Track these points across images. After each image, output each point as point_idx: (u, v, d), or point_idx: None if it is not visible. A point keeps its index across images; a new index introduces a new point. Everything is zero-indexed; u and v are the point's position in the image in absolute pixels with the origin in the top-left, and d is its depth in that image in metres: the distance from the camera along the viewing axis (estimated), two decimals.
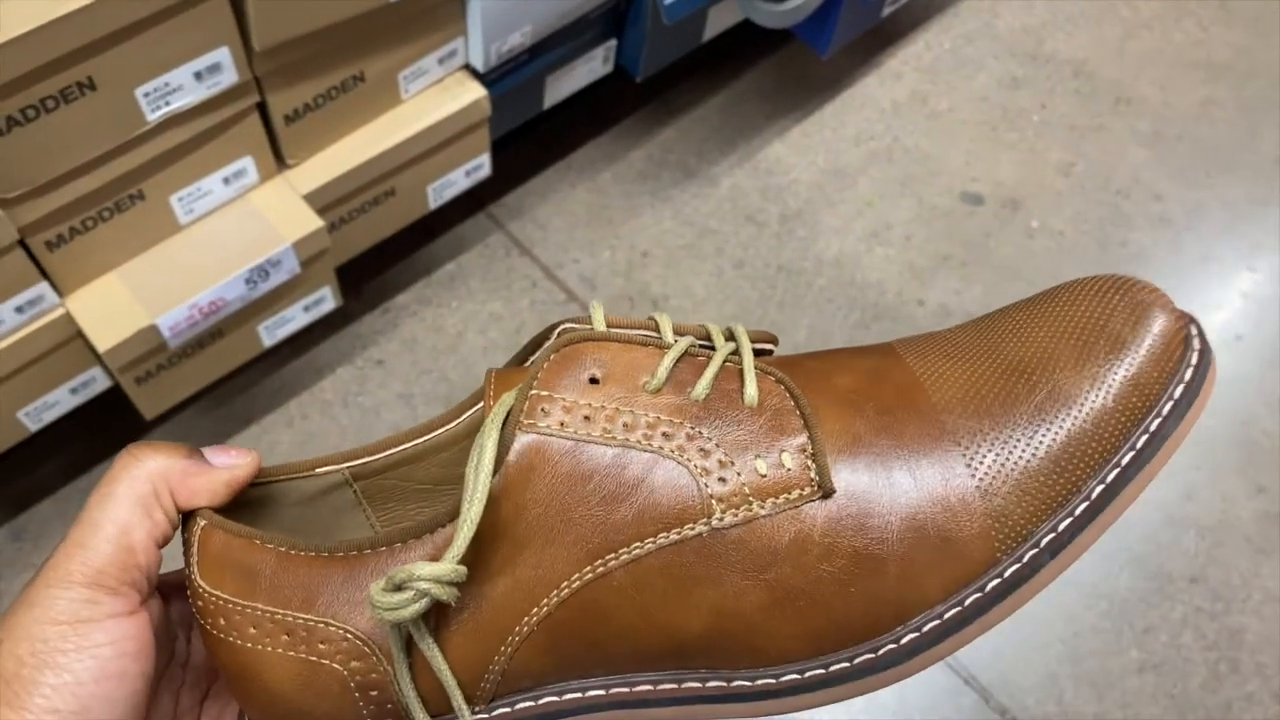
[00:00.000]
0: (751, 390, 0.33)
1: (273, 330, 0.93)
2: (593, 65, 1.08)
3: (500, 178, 1.10)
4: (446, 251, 1.17)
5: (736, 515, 0.32)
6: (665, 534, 0.32)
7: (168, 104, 0.74)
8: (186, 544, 0.32)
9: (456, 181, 1.01)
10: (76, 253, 0.79)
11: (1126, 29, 1.45)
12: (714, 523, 0.32)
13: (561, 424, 0.32)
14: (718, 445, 0.32)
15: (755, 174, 1.26)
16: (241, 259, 0.84)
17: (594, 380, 0.32)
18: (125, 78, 0.71)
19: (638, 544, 0.31)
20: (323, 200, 0.89)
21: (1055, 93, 1.37)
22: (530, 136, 1.23)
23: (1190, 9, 1.47)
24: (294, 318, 0.94)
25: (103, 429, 1.02)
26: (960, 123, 1.33)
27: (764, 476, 0.32)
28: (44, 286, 0.79)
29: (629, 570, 0.31)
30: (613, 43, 1.07)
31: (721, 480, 0.32)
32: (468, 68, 0.95)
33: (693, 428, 0.32)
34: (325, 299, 0.95)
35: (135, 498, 0.30)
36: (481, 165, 1.02)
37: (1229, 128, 1.35)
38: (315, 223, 0.86)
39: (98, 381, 0.88)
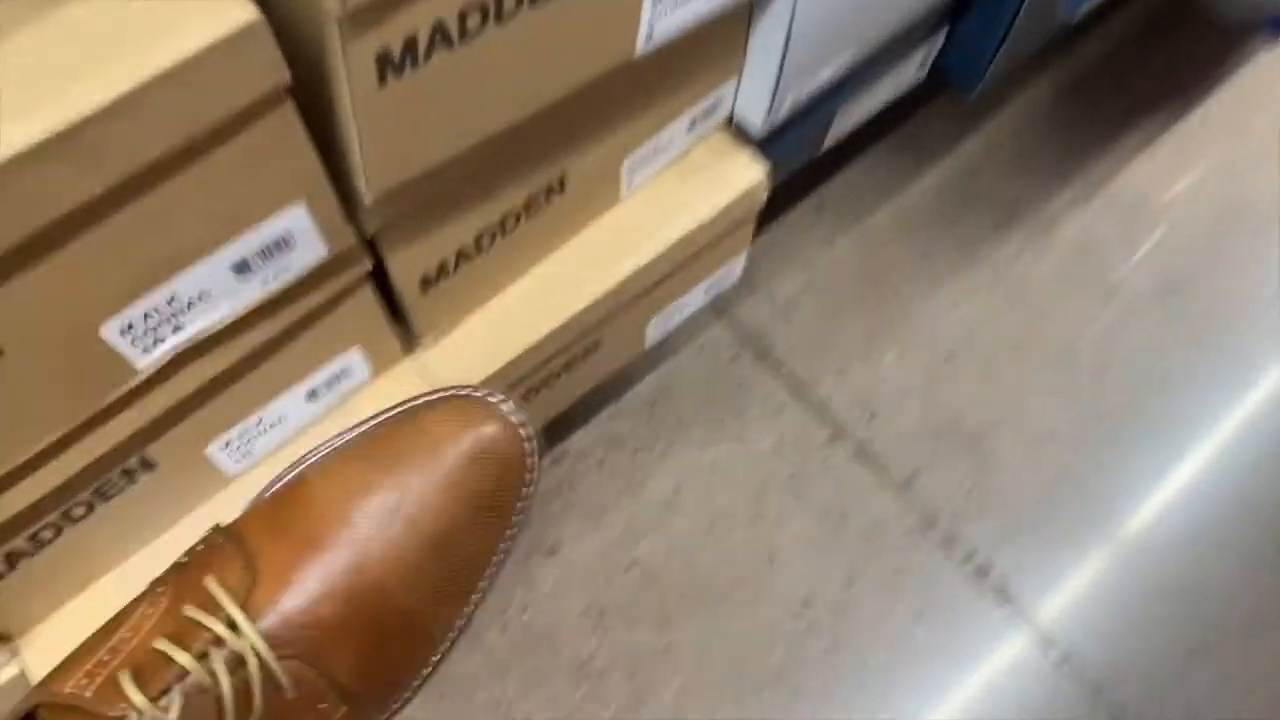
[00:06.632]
0: None
1: None
2: (899, 79, 0.63)
3: None
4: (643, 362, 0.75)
5: None
6: None
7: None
8: None
9: (690, 304, 0.59)
10: None
11: None
12: None
13: None
14: None
15: (1111, 211, 0.81)
16: None
17: None
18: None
19: None
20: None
21: None
22: None
23: None
24: None
25: None
26: None
27: None
28: None
29: None
30: (941, 36, 0.62)
31: None
32: (730, 126, 0.52)
33: None
34: None
35: None
36: (732, 274, 0.60)
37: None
38: None
39: None
